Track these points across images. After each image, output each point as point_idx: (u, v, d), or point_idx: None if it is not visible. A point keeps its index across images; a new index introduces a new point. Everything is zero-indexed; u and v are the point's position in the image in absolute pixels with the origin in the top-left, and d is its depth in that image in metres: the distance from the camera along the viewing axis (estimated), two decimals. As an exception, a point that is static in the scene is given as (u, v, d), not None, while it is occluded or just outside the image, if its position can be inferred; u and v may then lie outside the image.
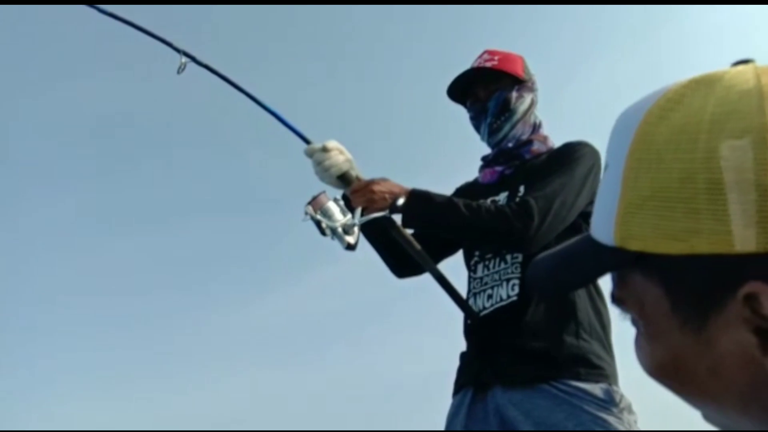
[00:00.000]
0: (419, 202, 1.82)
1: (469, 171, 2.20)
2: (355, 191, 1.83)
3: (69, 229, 7.38)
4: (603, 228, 0.56)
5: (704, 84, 0.53)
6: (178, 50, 2.01)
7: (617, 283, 0.57)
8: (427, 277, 2.01)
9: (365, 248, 1.98)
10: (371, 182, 1.83)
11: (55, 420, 6.10)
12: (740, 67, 0.54)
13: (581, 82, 7.77)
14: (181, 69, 1.99)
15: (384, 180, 1.84)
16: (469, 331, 1.99)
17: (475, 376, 1.90)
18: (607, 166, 0.57)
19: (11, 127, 6.95)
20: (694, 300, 0.51)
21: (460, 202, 1.81)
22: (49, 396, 6.56)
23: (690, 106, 0.52)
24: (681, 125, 0.51)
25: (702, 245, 0.48)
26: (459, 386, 1.96)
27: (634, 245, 0.52)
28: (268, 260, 7.73)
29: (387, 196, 1.80)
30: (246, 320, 7.37)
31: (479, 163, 2.15)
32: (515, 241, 1.78)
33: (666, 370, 0.54)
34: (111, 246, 7.24)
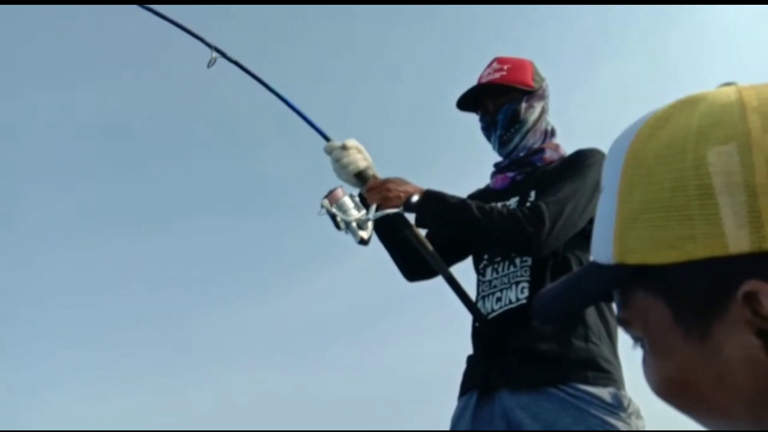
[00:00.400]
0: (433, 201, 1.85)
1: (476, 171, 2.23)
2: (371, 188, 1.88)
3: (71, 227, 7.42)
4: (602, 248, 0.57)
5: (689, 102, 0.55)
6: (209, 45, 2.07)
7: (621, 304, 0.58)
8: (433, 280, 2.04)
9: (370, 250, 2.01)
10: (387, 180, 1.88)
11: (55, 419, 6.13)
12: (724, 87, 0.56)
13: (590, 82, 7.76)
14: (211, 63, 2.06)
15: (400, 179, 1.89)
16: (476, 334, 2.00)
17: (481, 378, 1.91)
18: (603, 188, 0.59)
19: (25, 123, 7.02)
20: (696, 308, 0.51)
21: (473, 203, 1.84)
22: (49, 394, 6.59)
23: (677, 122, 0.54)
24: (669, 140, 0.53)
25: (698, 250, 0.50)
26: (465, 389, 1.96)
27: (633, 258, 0.53)
28: (270, 261, 7.75)
29: (402, 194, 1.84)
30: (247, 320, 7.38)
31: (487, 163, 2.18)
32: (526, 244, 1.81)
33: (674, 386, 0.54)
34: (112, 245, 7.29)
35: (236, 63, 2.07)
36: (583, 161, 1.95)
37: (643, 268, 0.53)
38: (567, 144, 2.10)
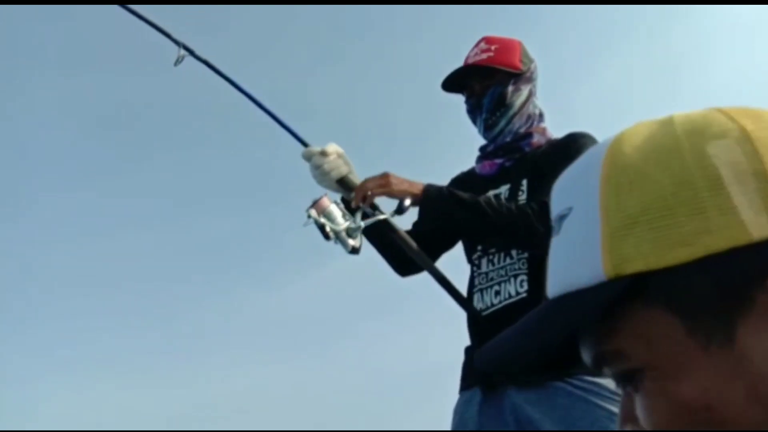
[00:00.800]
0: (438, 196, 1.80)
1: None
2: (370, 182, 1.79)
3: (73, 220, 7.40)
4: (581, 270, 0.50)
5: (657, 120, 0.52)
6: (177, 42, 1.96)
7: (609, 332, 0.49)
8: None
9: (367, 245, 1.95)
10: (386, 174, 1.80)
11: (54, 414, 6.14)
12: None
13: (593, 80, 7.70)
14: (178, 61, 1.94)
15: (392, 174, 1.81)
16: (474, 326, 1.96)
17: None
18: (570, 209, 0.52)
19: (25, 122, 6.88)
20: (713, 310, 0.45)
21: (482, 199, 1.79)
22: (43, 392, 6.62)
23: (655, 134, 0.50)
24: (655, 145, 0.49)
25: (716, 242, 0.45)
26: (467, 384, 1.93)
27: (634, 266, 0.47)
28: (271, 253, 7.72)
29: (407, 187, 1.78)
30: (249, 314, 7.39)
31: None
32: (534, 242, 1.75)
33: (695, 413, 0.46)
34: (114, 238, 7.23)
35: (205, 62, 1.96)
36: (580, 150, 1.84)
37: (642, 279, 0.46)
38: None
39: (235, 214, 7.69)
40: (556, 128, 2.05)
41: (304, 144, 1.87)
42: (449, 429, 1.94)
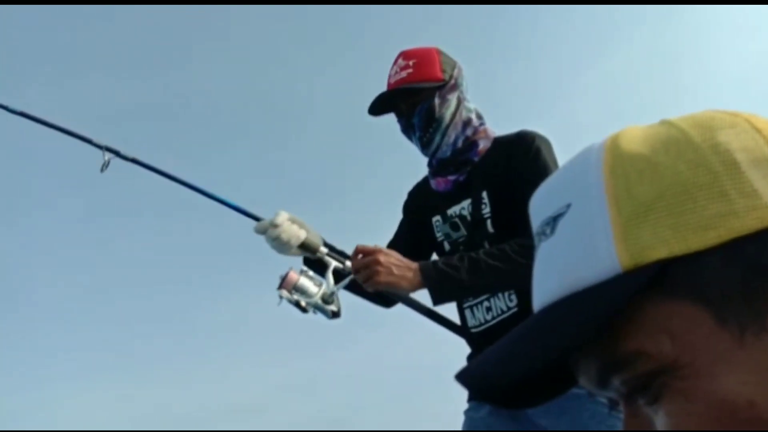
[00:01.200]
0: (441, 278, 1.76)
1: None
2: (358, 269, 1.74)
3: (73, 224, 7.19)
4: (588, 267, 0.45)
5: (652, 124, 0.49)
6: (99, 146, 1.89)
7: (619, 337, 0.43)
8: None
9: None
10: (377, 251, 1.74)
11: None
12: None
13: (595, 77, 7.68)
14: (104, 166, 1.87)
15: (385, 252, 1.76)
16: (470, 342, 1.96)
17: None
18: (568, 206, 0.47)
19: None
20: (745, 296, 0.42)
21: (471, 264, 1.75)
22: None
23: (656, 130, 0.47)
24: (661, 138, 0.46)
25: (744, 224, 0.42)
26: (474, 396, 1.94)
27: (656, 254, 0.43)
28: (271, 254, 7.62)
29: (406, 274, 1.74)
30: (249, 315, 7.32)
31: None
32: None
33: (737, 412, 0.41)
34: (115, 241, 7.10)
35: (135, 161, 1.88)
36: (532, 146, 1.87)
37: (662, 269, 0.42)
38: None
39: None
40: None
41: (255, 218, 1.83)
42: (457, 429, 1.95)
